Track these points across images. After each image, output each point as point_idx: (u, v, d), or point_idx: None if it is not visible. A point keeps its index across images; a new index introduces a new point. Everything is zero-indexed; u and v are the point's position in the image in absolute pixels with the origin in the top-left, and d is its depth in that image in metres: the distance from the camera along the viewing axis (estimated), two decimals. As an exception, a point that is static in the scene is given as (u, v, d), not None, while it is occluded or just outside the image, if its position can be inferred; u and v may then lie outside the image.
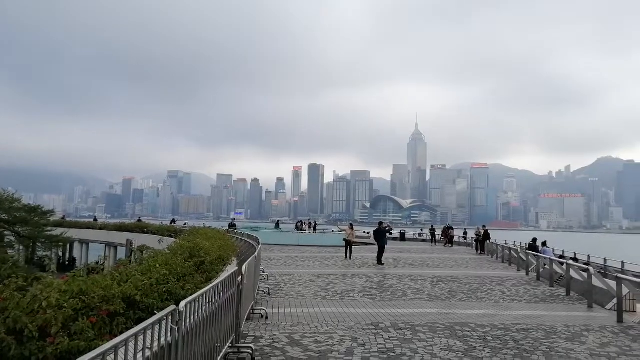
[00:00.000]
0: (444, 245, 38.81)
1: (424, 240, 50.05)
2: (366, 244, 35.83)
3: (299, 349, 7.31)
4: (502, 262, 24.36)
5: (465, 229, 54.76)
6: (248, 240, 21.12)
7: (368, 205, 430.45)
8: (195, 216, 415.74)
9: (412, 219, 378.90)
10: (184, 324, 4.35)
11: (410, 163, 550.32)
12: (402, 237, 48.36)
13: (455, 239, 43.57)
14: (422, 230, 60.29)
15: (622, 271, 19.72)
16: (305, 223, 50.60)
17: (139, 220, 48.61)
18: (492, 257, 27.82)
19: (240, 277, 7.26)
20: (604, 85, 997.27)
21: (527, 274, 18.40)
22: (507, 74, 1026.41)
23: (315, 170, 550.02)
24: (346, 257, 23.70)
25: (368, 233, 44.08)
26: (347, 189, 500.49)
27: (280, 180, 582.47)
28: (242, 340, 7.52)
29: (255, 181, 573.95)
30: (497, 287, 14.83)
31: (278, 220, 73.49)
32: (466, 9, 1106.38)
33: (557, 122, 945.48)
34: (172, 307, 4.19)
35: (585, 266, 13.44)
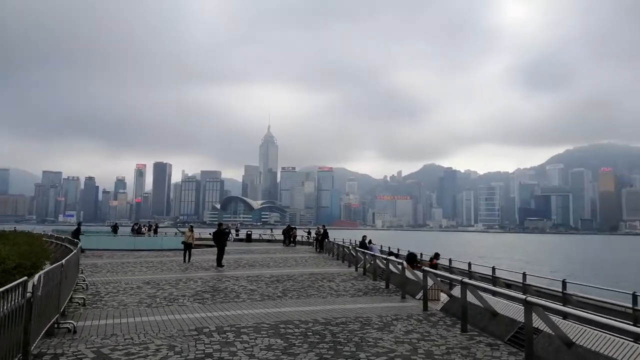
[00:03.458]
0: (287, 245, 39.79)
1: (269, 241, 50.79)
2: (209, 246, 34.81)
3: (105, 365, 6.61)
4: (337, 259, 25.89)
5: (309, 229, 57.13)
6: (68, 245, 18.85)
7: (218, 206, 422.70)
8: (13, 219, 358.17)
9: (263, 219, 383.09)
10: None
11: (261, 164, 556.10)
12: (249, 238, 48.36)
13: (299, 238, 45.09)
14: (272, 230, 61.24)
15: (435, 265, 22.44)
16: (144, 225, 47.44)
17: None
18: (329, 255, 29.39)
19: (32, 287, 6.28)
20: (433, 100, 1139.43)
21: (356, 270, 19.82)
22: (354, 83, 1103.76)
23: (161, 169, 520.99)
24: (184, 261, 22.74)
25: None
26: (197, 189, 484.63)
27: (120, 179, 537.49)
28: (34, 361, 6.52)
29: (91, 180, 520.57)
30: (327, 284, 15.61)
31: (115, 223, 67.53)
32: (322, 18, 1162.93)
33: (393, 131, 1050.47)
34: None
35: (400, 260, 14.93)
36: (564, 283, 11.78)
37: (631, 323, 9.44)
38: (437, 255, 18.83)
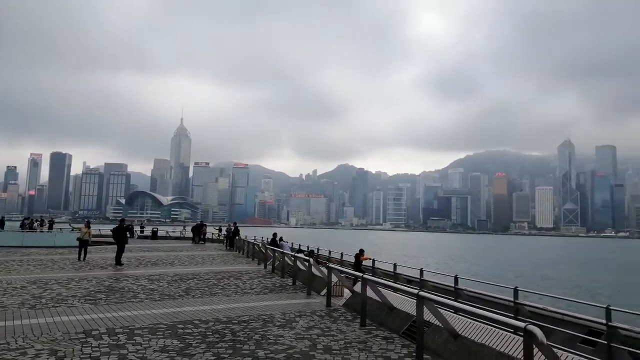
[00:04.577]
0: (196, 243, 38.62)
1: (177, 238, 48.99)
2: (109, 243, 32.76)
3: (-30, 375, 5.90)
4: (247, 257, 25.60)
5: (219, 226, 55.91)
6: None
7: (123, 201, 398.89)
8: None
9: (172, 216, 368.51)
10: None
11: (173, 159, 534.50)
12: (154, 235, 46.21)
13: (209, 235, 44.01)
14: (184, 227, 58.95)
15: (342, 262, 22.99)
16: (36, 220, 43.43)
17: None
18: (239, 252, 29.01)
19: None
20: (350, 102, 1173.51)
21: (265, 267, 19.73)
22: (274, 81, 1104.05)
23: (59, 160, 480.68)
24: (79, 259, 21.14)
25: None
26: (100, 182, 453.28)
27: (11, 169, 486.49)
28: None
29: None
30: (234, 282, 15.35)
31: (2, 217, 61.06)
32: (246, 16, 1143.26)
33: (311, 131, 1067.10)
34: None
35: (308, 257, 15.08)
36: (456, 278, 12.62)
37: (512, 316, 10.33)
38: (362, 252, 19.35)
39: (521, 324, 5.38)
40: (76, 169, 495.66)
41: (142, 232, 51.28)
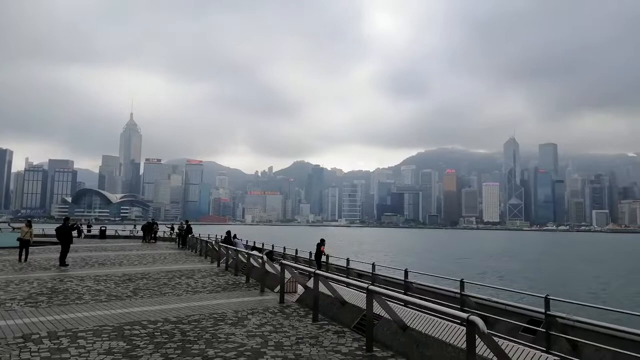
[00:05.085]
0: (147, 241, 37.53)
1: (127, 237, 47.49)
2: (54, 243, 31.29)
3: None
4: (200, 255, 25.16)
5: (172, 224, 54.49)
6: None
7: (69, 199, 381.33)
8: None
9: (122, 214, 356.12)
10: None
11: (122, 155, 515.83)
12: (102, 234, 44.50)
13: (161, 233, 42.90)
14: (135, 226, 57.02)
15: (296, 258, 23.04)
16: (-29, 220, 40.87)
17: None
18: (192, 251, 28.46)
19: None
20: (307, 99, 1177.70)
21: (218, 265, 19.47)
22: (229, 77, 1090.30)
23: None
24: (20, 260, 20.06)
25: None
26: (44, 180, 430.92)
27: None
28: None
29: None
30: (185, 280, 15.04)
31: None
32: (200, 8, 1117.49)
33: (267, 127, 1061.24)
34: None
35: (260, 254, 15.02)
36: (406, 272, 12.97)
37: (458, 307, 10.72)
38: (322, 242, 19.45)
39: (464, 315, 5.59)
40: (18, 165, 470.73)
41: (89, 231, 49.35)
